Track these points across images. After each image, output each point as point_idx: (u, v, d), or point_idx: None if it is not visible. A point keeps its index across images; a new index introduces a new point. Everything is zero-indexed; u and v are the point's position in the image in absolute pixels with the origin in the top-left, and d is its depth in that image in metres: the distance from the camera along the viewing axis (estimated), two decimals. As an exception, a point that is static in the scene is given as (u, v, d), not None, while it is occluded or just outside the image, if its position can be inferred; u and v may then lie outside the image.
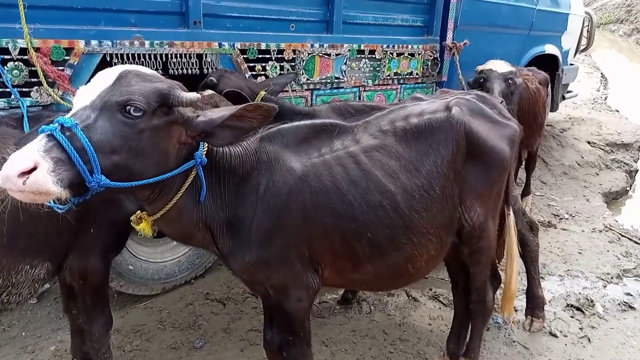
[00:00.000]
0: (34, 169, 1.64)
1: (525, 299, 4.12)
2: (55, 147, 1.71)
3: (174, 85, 1.96)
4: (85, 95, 1.89)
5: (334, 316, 4.13)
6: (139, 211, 2.19)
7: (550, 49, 7.40)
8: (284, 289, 2.44)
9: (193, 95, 1.97)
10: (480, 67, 4.95)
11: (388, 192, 2.42)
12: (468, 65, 5.53)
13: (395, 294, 4.41)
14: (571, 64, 8.43)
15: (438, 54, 5.63)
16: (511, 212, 3.16)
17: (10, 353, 3.58)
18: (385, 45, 5.10)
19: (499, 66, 4.92)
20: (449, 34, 5.62)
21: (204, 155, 2.12)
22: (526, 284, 4.08)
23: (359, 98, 5.06)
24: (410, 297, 4.38)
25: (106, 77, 1.91)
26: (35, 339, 3.73)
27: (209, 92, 3.39)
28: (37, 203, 1.79)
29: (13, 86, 3.07)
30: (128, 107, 1.82)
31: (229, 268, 2.47)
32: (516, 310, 4.24)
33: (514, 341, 3.89)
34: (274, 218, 2.28)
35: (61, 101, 3.11)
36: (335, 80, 4.81)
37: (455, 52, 5.59)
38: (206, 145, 2.16)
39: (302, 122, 2.53)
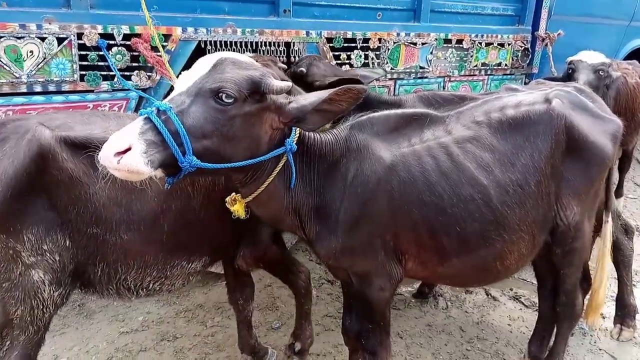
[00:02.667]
0: (129, 149, 1.76)
1: (614, 306, 3.89)
2: (150, 130, 1.82)
3: (266, 73, 2.00)
4: (184, 81, 1.98)
5: (409, 309, 4.10)
6: (233, 193, 2.27)
7: (653, 40, 6.88)
8: (367, 277, 2.44)
9: (284, 83, 2.00)
10: (570, 58, 4.69)
11: (480, 186, 2.35)
12: (560, 57, 5.24)
13: (473, 292, 4.31)
14: (676, 58, 7.79)
15: (529, 45, 5.40)
16: (610, 219, 2.97)
17: (103, 320, 3.84)
18: (473, 35, 4.96)
19: (590, 57, 4.63)
20: (542, 24, 5.38)
21: (294, 142, 2.16)
22: (616, 290, 3.85)
23: (444, 88, 4.96)
24: (490, 296, 4.26)
25: (204, 64, 1.99)
26: (125, 309, 3.98)
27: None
28: (133, 180, 1.92)
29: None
30: (220, 94, 1.88)
31: (315, 253, 2.50)
32: (604, 318, 4.03)
33: (600, 349, 3.69)
34: (360, 206, 2.28)
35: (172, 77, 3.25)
36: (420, 70, 4.73)
37: (549, 43, 5.32)
38: (298, 131, 2.19)
39: (392, 111, 2.50)
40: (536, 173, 2.44)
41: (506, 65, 5.35)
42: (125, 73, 3.31)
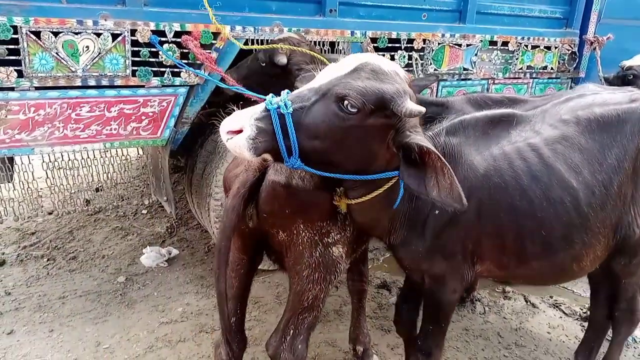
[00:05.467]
0: (240, 131, 1.84)
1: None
2: (266, 118, 1.86)
3: (401, 92, 1.88)
4: (325, 74, 1.96)
5: (445, 312, 4.07)
6: (342, 189, 2.25)
7: None
8: (442, 279, 2.43)
9: (416, 107, 1.86)
10: (627, 63, 4.54)
11: (570, 188, 2.30)
12: (607, 61, 5.12)
13: (512, 298, 4.25)
14: None
15: (577, 48, 5.26)
16: None
17: (144, 310, 3.93)
18: (519, 37, 4.87)
19: None
20: (591, 27, 5.22)
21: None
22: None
23: (487, 91, 4.89)
24: (529, 303, 4.19)
25: (347, 64, 1.96)
26: (165, 300, 4.07)
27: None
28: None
29: (166, 66, 3.35)
30: (345, 102, 1.84)
31: (396, 256, 2.50)
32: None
33: (644, 362, 3.60)
34: (449, 212, 2.25)
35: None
36: (464, 72, 4.68)
37: (597, 47, 5.18)
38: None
39: (481, 113, 2.46)
40: (620, 173, 2.39)
41: (552, 68, 5.24)
42: (175, 69, 3.38)
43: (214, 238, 4.18)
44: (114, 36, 3.14)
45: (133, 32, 3.18)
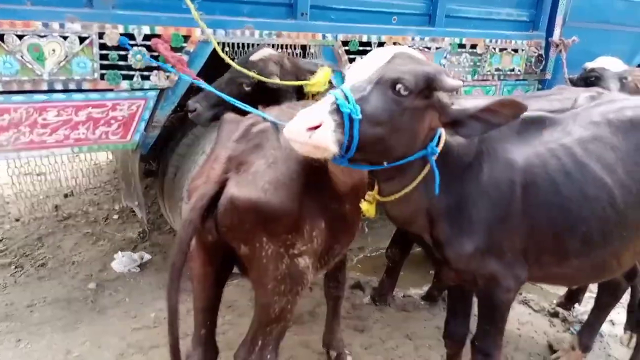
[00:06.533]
0: (319, 126, 1.84)
1: (625, 313, 3.91)
2: (336, 112, 1.88)
3: (441, 71, 2.01)
4: (360, 69, 2.02)
5: (418, 311, 4.13)
6: (372, 192, 2.27)
7: (667, 48, 6.84)
8: (495, 279, 2.44)
9: (456, 82, 2.00)
10: (590, 65, 4.65)
11: (605, 186, 2.36)
12: (571, 63, 5.24)
13: (483, 295, 4.32)
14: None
15: (543, 51, 5.39)
16: None
17: (115, 316, 3.88)
18: (487, 40, 4.96)
19: (613, 64, 4.59)
20: (557, 30, 5.36)
21: (437, 147, 2.15)
22: (629, 298, 3.86)
23: (456, 92, 4.96)
24: (499, 300, 4.27)
25: (382, 55, 2.03)
26: (137, 305, 4.02)
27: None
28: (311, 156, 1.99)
29: (135, 69, 3.31)
30: (399, 86, 1.92)
31: (442, 255, 2.48)
32: (613, 324, 4.04)
33: (609, 355, 3.71)
34: (491, 209, 2.31)
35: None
36: (433, 75, 4.74)
37: (563, 50, 5.32)
38: (443, 136, 2.20)
39: None
40: None
41: (519, 71, 5.35)
42: (145, 73, 3.34)
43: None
44: (82, 39, 3.09)
45: (101, 35, 3.14)
